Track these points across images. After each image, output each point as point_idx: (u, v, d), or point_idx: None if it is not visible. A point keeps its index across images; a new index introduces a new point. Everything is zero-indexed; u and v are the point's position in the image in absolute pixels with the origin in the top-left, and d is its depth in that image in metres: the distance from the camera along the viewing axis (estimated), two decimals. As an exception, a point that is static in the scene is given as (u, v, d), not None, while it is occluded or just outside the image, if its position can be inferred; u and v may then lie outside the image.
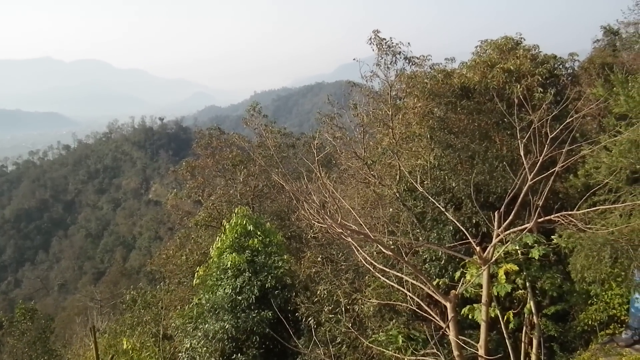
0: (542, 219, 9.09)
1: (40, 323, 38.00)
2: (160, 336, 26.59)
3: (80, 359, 29.02)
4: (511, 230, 9.66)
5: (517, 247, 13.55)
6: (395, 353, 13.65)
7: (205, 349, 21.61)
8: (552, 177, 9.39)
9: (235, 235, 23.55)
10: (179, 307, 28.36)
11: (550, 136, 9.90)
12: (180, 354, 23.59)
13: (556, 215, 9.02)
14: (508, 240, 10.85)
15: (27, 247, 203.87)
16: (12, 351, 37.75)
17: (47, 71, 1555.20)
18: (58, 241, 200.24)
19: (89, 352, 28.24)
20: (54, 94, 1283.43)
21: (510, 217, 9.43)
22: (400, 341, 14.75)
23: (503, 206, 9.60)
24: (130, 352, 23.79)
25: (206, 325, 21.62)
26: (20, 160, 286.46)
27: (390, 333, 15.35)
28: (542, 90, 21.91)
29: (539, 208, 8.96)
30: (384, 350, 14.23)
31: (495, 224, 9.62)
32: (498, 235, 9.48)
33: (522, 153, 10.21)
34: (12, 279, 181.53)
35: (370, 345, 15.06)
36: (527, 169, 9.63)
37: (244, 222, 23.70)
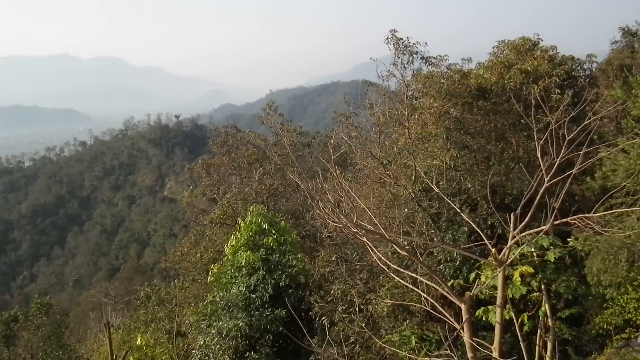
0: (558, 222, 9.03)
1: (55, 318, 38.20)
2: (174, 333, 26.64)
3: (94, 354, 29.16)
4: (527, 232, 9.61)
5: (533, 249, 13.48)
6: (408, 354, 13.60)
7: (218, 346, 21.64)
8: (569, 180, 9.34)
9: (250, 233, 23.57)
10: (193, 305, 28.43)
11: (567, 138, 9.83)
12: (193, 351, 23.65)
13: (573, 217, 8.96)
14: (524, 242, 10.79)
15: (42, 242, 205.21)
16: (27, 345, 37.99)
17: (64, 68, 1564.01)
18: (73, 237, 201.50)
19: (102, 348, 28.38)
20: (71, 90, 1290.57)
21: (527, 219, 9.37)
22: (414, 342, 14.73)
23: (519, 208, 9.55)
24: (144, 348, 23.86)
25: (220, 323, 21.64)
26: (37, 156, 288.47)
27: (404, 334, 15.33)
28: (559, 91, 21.80)
29: (555, 210, 8.91)
30: (398, 350, 14.20)
31: (511, 225, 9.57)
32: (514, 237, 9.44)
33: (539, 155, 10.15)
34: (28, 274, 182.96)
35: (384, 345, 15.04)
36: (543, 171, 9.57)
37: (259, 220, 23.71)
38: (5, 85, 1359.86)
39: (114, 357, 22.11)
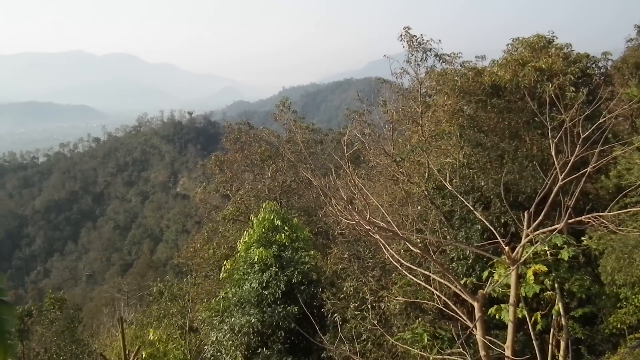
0: (572, 220, 8.98)
1: (68, 313, 38.42)
2: (187, 329, 26.74)
3: (107, 349, 29.29)
4: (541, 230, 9.57)
5: (547, 248, 13.42)
6: (420, 351, 13.60)
7: (230, 342, 21.70)
8: (584, 178, 9.29)
9: (263, 230, 23.60)
10: (205, 300, 28.50)
11: (582, 136, 9.78)
12: (206, 347, 23.72)
13: (587, 216, 8.91)
14: (537, 241, 10.74)
15: (56, 237, 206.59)
16: (40, 339, 38.23)
17: (78, 64, 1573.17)
18: (87, 232, 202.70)
19: (115, 343, 28.51)
20: (85, 87, 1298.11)
21: (540, 217, 9.33)
22: (426, 340, 14.68)
23: (533, 206, 9.51)
24: (157, 343, 23.95)
25: (232, 319, 21.69)
26: (51, 152, 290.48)
27: (416, 331, 15.29)
28: (574, 89, 21.69)
29: (569, 209, 8.87)
30: (410, 348, 14.18)
31: (525, 223, 9.52)
32: (527, 235, 9.39)
33: (553, 153, 10.09)
34: (42, 269, 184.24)
35: (396, 343, 15.03)
36: (558, 169, 9.52)
37: (272, 217, 23.74)
38: (20, 82, 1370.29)
39: (127, 352, 22.24)
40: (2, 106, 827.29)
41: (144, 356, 23.17)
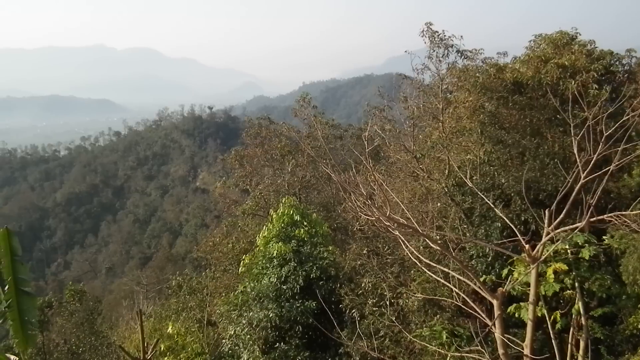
0: (594, 219, 8.92)
1: (88, 305, 38.74)
2: (205, 322, 26.86)
3: (125, 342, 29.51)
4: (562, 228, 9.51)
5: (567, 247, 13.33)
6: (438, 349, 13.57)
7: (248, 336, 21.76)
8: (606, 177, 9.22)
9: (282, 224, 23.64)
10: (223, 294, 28.59)
11: (604, 134, 9.70)
12: (223, 341, 23.81)
13: (609, 215, 8.85)
14: (558, 239, 10.68)
15: (76, 230, 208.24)
16: (60, 331, 38.55)
17: (100, 59, 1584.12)
18: (107, 225, 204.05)
19: (134, 335, 28.70)
20: (107, 81, 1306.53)
21: (562, 216, 9.28)
22: (444, 337, 14.65)
23: (554, 204, 9.45)
24: (175, 336, 24.12)
25: (250, 313, 21.75)
26: (73, 146, 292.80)
27: (434, 328, 15.26)
28: (597, 86, 21.46)
29: (591, 207, 8.80)
30: (428, 345, 14.16)
31: (546, 222, 9.47)
32: (548, 233, 9.34)
33: (575, 151, 10.03)
34: (62, 261, 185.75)
35: (414, 339, 15.01)
36: (580, 167, 9.45)
37: (291, 212, 23.76)
38: (43, 76, 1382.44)
39: (146, 345, 22.39)
40: (25, 100, 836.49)
41: (162, 349, 23.35)
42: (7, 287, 16.88)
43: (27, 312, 17.40)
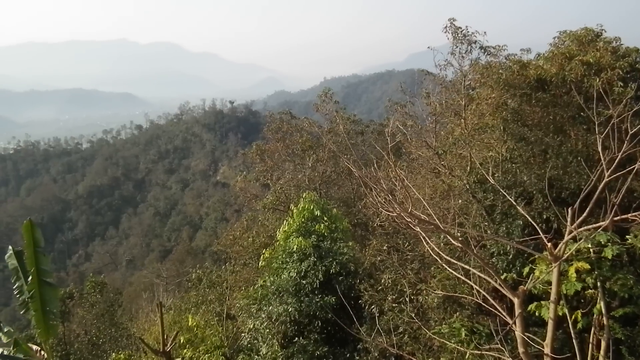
0: (618, 218, 8.85)
1: (109, 296, 39.11)
2: (224, 315, 26.99)
3: (145, 334, 29.75)
4: (585, 227, 9.44)
5: (590, 245, 13.21)
6: (457, 346, 13.54)
7: (267, 330, 21.83)
8: (631, 175, 9.14)
9: (302, 219, 23.66)
10: (243, 288, 28.72)
11: (629, 132, 9.60)
12: (243, 334, 23.93)
13: (633, 214, 8.76)
14: (580, 238, 10.59)
15: (97, 222, 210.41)
16: (81, 322, 38.98)
17: (123, 53, 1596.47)
18: (127, 218, 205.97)
19: (153, 327, 28.91)
20: (129, 75, 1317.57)
21: (585, 214, 9.20)
22: (464, 334, 14.60)
23: (577, 202, 9.38)
24: (195, 329, 24.25)
25: (270, 307, 21.81)
26: (95, 139, 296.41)
27: (454, 326, 15.21)
28: (622, 84, 21.18)
29: (615, 206, 8.73)
30: (447, 342, 14.12)
31: (569, 220, 9.40)
32: (571, 231, 9.28)
33: (599, 149, 9.93)
34: (83, 253, 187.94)
35: (433, 336, 14.97)
36: (604, 166, 9.37)
37: (312, 207, 23.77)
38: (66, 69, 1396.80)
39: (165, 337, 22.56)
40: (48, 93, 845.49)
41: (182, 341, 23.47)
42: (30, 277, 17.10)
43: (49, 303, 17.63)
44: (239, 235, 36.07)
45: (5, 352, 17.42)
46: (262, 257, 25.43)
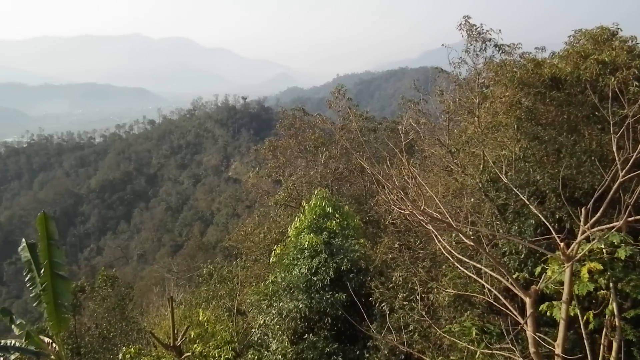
0: (632, 218, 8.79)
1: (120, 290, 39.20)
2: (234, 311, 27.03)
3: (156, 328, 29.84)
4: (598, 227, 9.38)
5: (603, 246, 13.12)
6: (468, 345, 13.51)
7: (278, 326, 21.85)
8: (646, 176, 9.07)
9: (314, 216, 23.66)
10: (254, 284, 28.73)
11: (645, 132, 9.54)
12: (253, 330, 23.95)
13: (647, 215, 8.72)
14: (593, 238, 10.54)
15: (109, 217, 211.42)
16: (92, 315, 39.17)
17: (136, 48, 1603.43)
18: (139, 213, 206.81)
19: (164, 322, 29.00)
20: (142, 70, 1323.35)
21: (598, 214, 9.15)
22: (474, 333, 14.57)
23: (591, 202, 9.33)
24: (205, 324, 24.31)
25: (280, 304, 21.82)
26: (107, 133, 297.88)
27: (465, 325, 15.18)
28: (637, 84, 21.03)
29: (629, 207, 8.67)
30: (457, 341, 14.09)
31: (582, 220, 9.35)
32: (584, 232, 9.23)
33: (614, 149, 9.87)
34: (95, 247, 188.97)
35: (444, 335, 14.94)
36: (619, 166, 9.31)
37: (323, 203, 23.78)
38: (80, 64, 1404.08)
39: (176, 332, 22.63)
40: (62, 87, 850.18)
41: (192, 336, 23.55)
42: (42, 270, 17.20)
43: (62, 296, 17.74)
44: (251, 231, 36.13)
45: (18, 344, 17.54)
46: (273, 253, 25.47)
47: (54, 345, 18.42)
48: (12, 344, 17.50)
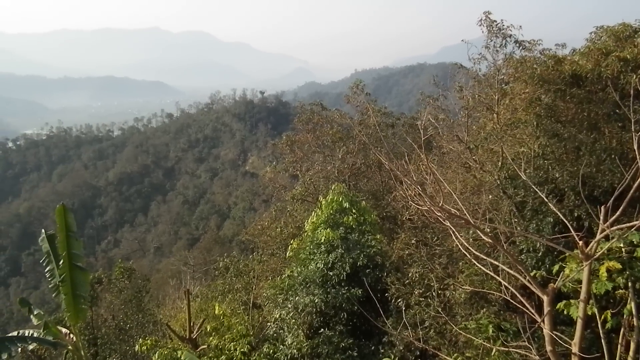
0: (652, 217, 8.72)
1: (136, 282, 39.33)
2: (250, 304, 27.07)
3: (172, 320, 29.97)
4: (618, 226, 9.30)
5: (622, 245, 13.02)
6: (484, 342, 13.45)
7: (293, 320, 21.86)
8: (667, 174, 8.97)
9: (331, 211, 23.64)
10: (270, 278, 28.77)
11: (667, 130, 9.44)
12: (268, 324, 23.98)
13: (668, 214, 8.63)
14: (613, 237, 10.45)
15: (127, 209, 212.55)
16: (109, 307, 39.31)
17: (155, 41, 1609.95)
18: (156, 206, 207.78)
19: (180, 314, 29.12)
20: (161, 63, 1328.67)
21: (618, 213, 9.07)
22: (491, 331, 14.51)
23: (610, 201, 9.25)
24: (221, 317, 24.37)
25: (296, 298, 21.81)
26: (126, 126, 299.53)
27: (481, 322, 15.12)
28: (660, 82, 20.84)
29: (650, 206, 8.61)
30: (473, 338, 14.04)
31: (601, 218, 9.27)
32: (603, 230, 9.15)
33: (635, 147, 9.77)
34: (112, 239, 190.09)
35: (460, 332, 14.89)
36: (639, 164, 9.22)
37: (340, 199, 23.75)
38: (99, 57, 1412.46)
39: (192, 324, 22.74)
40: (81, 80, 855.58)
41: (208, 329, 23.63)
42: (61, 261, 17.33)
43: (80, 287, 17.87)
44: (267, 225, 36.18)
45: (36, 334, 17.70)
46: (289, 247, 25.48)
47: (71, 335, 18.56)
48: (30, 334, 17.67)
